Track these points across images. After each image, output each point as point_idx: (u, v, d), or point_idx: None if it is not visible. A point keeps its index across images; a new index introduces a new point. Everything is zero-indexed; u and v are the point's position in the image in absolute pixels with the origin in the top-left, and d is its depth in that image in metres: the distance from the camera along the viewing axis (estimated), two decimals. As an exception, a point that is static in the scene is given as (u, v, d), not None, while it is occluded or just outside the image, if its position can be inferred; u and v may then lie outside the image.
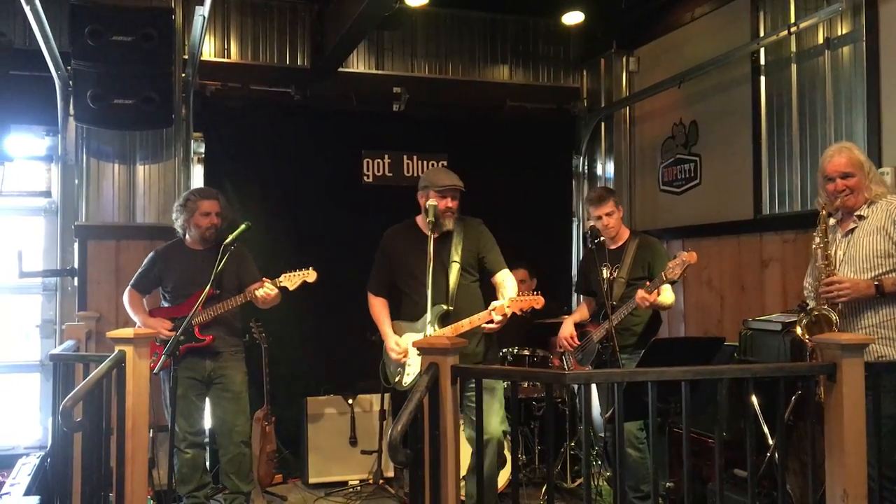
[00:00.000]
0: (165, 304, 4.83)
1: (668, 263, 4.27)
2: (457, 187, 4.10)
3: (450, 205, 4.07)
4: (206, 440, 4.95)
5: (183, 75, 5.67)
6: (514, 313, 3.93)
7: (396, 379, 4.18)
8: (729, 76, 5.66)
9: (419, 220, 4.22)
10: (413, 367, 4.03)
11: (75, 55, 4.86)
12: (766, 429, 4.00)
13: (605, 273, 4.41)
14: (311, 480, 5.68)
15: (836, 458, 2.79)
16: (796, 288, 4.85)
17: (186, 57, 5.68)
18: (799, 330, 3.54)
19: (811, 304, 3.63)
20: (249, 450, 4.87)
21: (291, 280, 4.52)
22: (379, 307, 4.31)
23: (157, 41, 4.78)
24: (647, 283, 4.40)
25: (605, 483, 5.20)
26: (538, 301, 3.92)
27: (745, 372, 3.11)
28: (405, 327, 4.18)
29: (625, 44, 6.85)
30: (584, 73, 7.23)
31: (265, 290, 4.48)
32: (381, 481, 5.60)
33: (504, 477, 5.15)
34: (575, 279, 6.34)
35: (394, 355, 4.14)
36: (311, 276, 4.54)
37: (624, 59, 6.87)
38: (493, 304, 3.92)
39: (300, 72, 6.40)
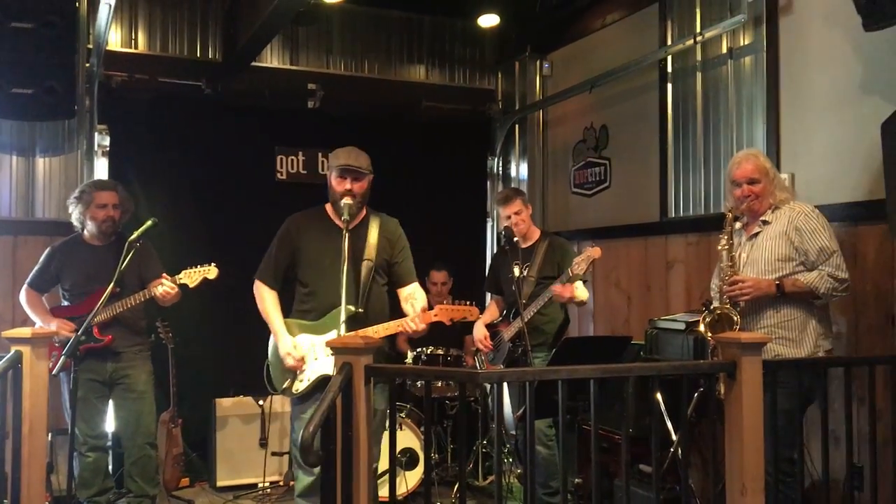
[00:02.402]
0: (65, 303, 4.65)
1: (575, 259, 4.38)
2: (350, 167, 3.66)
3: (347, 187, 3.65)
4: (109, 443, 4.79)
5: (87, 65, 5.47)
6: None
7: (285, 385, 3.72)
8: (638, 82, 5.82)
9: (328, 208, 3.85)
10: (308, 372, 3.66)
11: (-29, 41, 4.63)
12: (670, 425, 4.13)
13: (517, 272, 4.47)
14: (220, 483, 5.57)
15: (736, 452, 2.90)
16: (699, 288, 5.03)
17: (91, 46, 5.47)
18: (702, 327, 3.67)
19: (715, 303, 3.77)
20: (155, 451, 4.73)
21: (192, 277, 4.35)
22: (271, 301, 3.82)
23: (60, 29, 4.59)
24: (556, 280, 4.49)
25: (515, 480, 5.27)
26: (472, 312, 3.59)
27: (651, 370, 3.20)
28: (301, 327, 3.77)
29: (539, 48, 6.95)
30: (499, 75, 7.32)
31: (164, 288, 4.31)
32: (291, 483, 5.52)
33: (416, 476, 5.18)
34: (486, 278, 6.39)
35: (290, 361, 3.66)
36: (212, 272, 4.37)
37: (538, 63, 6.97)
38: (418, 310, 3.57)
39: (211, 65, 6.26)
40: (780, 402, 3.16)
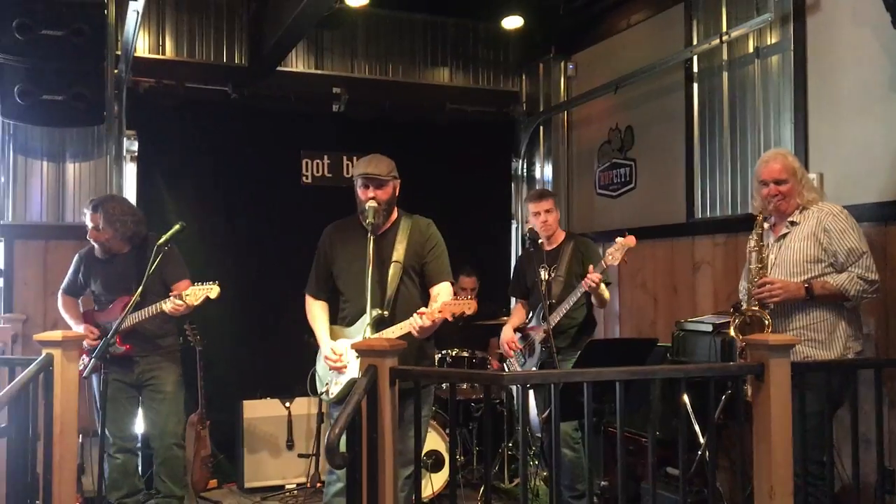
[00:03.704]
0: (97, 308, 4.71)
1: (608, 250, 4.33)
2: (369, 174, 3.66)
3: (371, 195, 3.65)
4: (139, 445, 4.84)
5: (115, 71, 5.54)
6: (445, 320, 3.51)
7: (324, 389, 3.78)
8: (663, 83, 5.78)
9: (360, 216, 3.81)
10: (344, 377, 3.69)
11: (2, 49, 4.69)
12: (697, 428, 4.10)
13: (544, 274, 4.45)
14: (247, 485, 5.61)
15: (764, 455, 2.87)
16: (726, 289, 4.99)
17: (119, 53, 5.55)
18: (732, 331, 3.63)
19: (744, 305, 3.74)
20: (183, 452, 4.77)
21: (196, 295, 4.24)
22: (316, 310, 3.88)
23: (89, 36, 4.65)
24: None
25: (541, 483, 5.26)
26: (470, 305, 3.49)
27: (677, 372, 3.18)
28: (340, 332, 3.81)
29: (563, 49, 6.94)
30: (523, 77, 7.31)
31: (173, 305, 4.25)
32: (318, 484, 5.54)
33: (442, 478, 5.18)
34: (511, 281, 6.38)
35: (329, 363, 3.71)
36: (213, 291, 4.25)
37: (562, 64, 6.96)
38: (422, 308, 3.54)
39: (237, 70, 6.32)
40: (810, 405, 3.12)
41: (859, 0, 4.17)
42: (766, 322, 3.54)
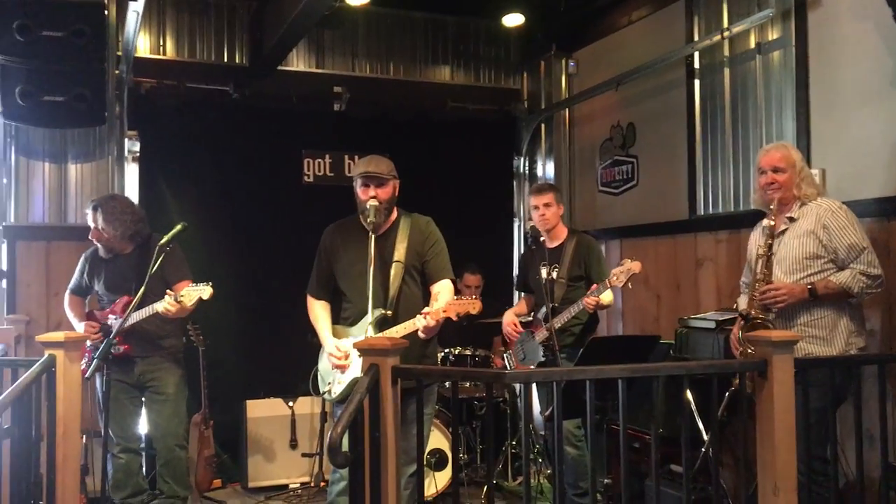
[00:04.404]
0: (101, 308, 4.72)
1: (613, 270, 4.32)
2: (370, 173, 3.67)
3: (372, 194, 3.65)
4: (142, 445, 4.84)
5: (117, 72, 5.54)
6: (448, 319, 3.49)
7: (327, 389, 3.81)
8: (665, 79, 5.77)
9: (361, 217, 3.82)
10: (346, 376, 3.70)
11: (3, 50, 4.69)
12: (700, 425, 4.09)
13: (545, 273, 4.44)
14: (251, 484, 5.62)
15: (767, 452, 2.87)
16: (729, 286, 4.97)
17: (120, 53, 5.55)
18: (747, 348, 3.56)
19: (740, 301, 3.72)
20: (185, 453, 4.78)
21: (189, 296, 4.20)
22: (318, 311, 3.88)
23: (89, 37, 4.65)
24: (594, 286, 4.45)
25: (545, 481, 5.25)
26: (475, 305, 3.48)
27: (679, 369, 3.17)
28: (343, 332, 3.81)
29: (564, 46, 6.92)
30: (525, 74, 7.30)
31: (164, 307, 4.21)
32: (322, 484, 5.55)
33: (446, 477, 5.18)
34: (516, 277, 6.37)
35: (335, 361, 3.71)
36: (206, 292, 4.20)
37: (563, 62, 6.94)
38: (426, 308, 3.54)
39: (238, 69, 6.31)
40: (812, 401, 3.11)
41: (861, -5, 4.16)
42: (771, 327, 3.52)
